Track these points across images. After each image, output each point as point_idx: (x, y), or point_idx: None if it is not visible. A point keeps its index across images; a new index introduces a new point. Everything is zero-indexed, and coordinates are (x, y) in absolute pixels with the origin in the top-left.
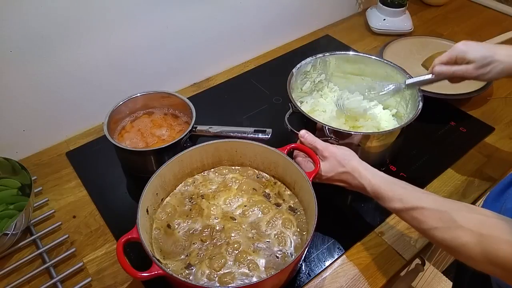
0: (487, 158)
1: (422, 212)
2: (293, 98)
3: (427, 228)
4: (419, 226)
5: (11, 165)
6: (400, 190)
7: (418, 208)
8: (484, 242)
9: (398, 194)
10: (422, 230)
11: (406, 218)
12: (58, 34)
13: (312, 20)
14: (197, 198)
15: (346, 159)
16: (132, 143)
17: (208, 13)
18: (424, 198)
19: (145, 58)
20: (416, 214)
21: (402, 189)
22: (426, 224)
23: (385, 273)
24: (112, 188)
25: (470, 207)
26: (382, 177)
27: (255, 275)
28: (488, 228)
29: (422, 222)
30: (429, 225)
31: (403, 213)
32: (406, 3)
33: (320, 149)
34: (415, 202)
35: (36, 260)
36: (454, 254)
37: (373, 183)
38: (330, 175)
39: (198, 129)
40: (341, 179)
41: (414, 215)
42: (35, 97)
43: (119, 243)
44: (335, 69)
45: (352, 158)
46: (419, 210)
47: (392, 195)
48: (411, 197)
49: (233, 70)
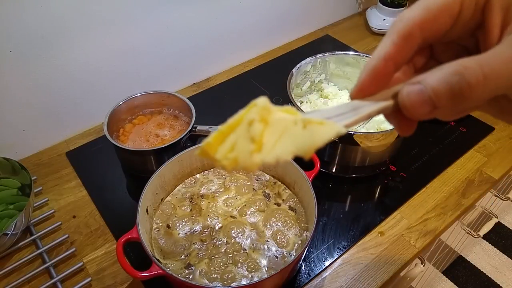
0: (487, 158)
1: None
2: (293, 98)
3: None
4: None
5: (11, 165)
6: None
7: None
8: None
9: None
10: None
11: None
12: (58, 34)
13: (312, 20)
14: (197, 198)
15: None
16: (132, 143)
17: (208, 13)
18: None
19: (145, 58)
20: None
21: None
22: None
23: (385, 273)
24: (112, 188)
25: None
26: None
27: (255, 275)
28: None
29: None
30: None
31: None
32: (406, 3)
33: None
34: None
35: (36, 260)
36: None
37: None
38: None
39: (198, 129)
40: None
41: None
42: (35, 97)
43: (119, 243)
44: (335, 69)
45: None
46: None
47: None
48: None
49: (233, 70)
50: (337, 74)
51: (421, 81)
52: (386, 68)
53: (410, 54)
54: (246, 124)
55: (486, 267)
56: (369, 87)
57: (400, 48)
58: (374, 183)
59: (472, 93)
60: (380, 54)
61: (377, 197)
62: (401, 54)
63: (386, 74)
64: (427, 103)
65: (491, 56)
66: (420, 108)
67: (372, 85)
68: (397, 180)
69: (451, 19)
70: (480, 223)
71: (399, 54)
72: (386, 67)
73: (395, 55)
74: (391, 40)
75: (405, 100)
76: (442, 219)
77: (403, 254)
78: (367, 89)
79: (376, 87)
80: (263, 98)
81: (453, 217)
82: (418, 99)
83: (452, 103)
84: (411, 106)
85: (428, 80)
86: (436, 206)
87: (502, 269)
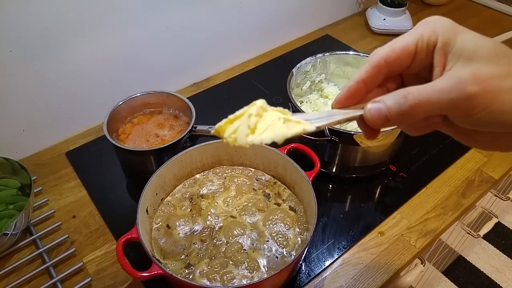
0: (487, 158)
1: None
2: (293, 98)
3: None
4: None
5: (11, 165)
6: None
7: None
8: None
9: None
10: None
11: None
12: (57, 34)
13: (312, 20)
14: (197, 198)
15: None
16: (132, 143)
17: (208, 13)
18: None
19: (145, 58)
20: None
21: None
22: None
23: (385, 273)
24: (112, 188)
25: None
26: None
27: (255, 275)
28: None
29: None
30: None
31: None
32: (406, 3)
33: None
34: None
35: (36, 260)
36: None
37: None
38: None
39: (198, 129)
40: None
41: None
42: (35, 97)
43: (118, 243)
44: (335, 69)
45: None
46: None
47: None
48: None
49: (233, 70)
50: (337, 74)
51: (380, 100)
52: (358, 88)
53: (378, 80)
54: (247, 116)
55: (486, 267)
56: (344, 101)
57: (370, 75)
58: (374, 183)
59: (412, 110)
60: (355, 77)
61: (377, 197)
62: (371, 79)
63: (358, 93)
64: (383, 116)
65: (427, 87)
66: (377, 120)
67: (347, 100)
68: (397, 180)
69: (409, 57)
70: (480, 223)
71: (369, 79)
72: (358, 87)
73: (366, 79)
74: (365, 68)
75: (367, 113)
76: (442, 219)
77: (403, 254)
78: (343, 102)
79: (350, 101)
80: (261, 100)
81: (453, 217)
82: (376, 113)
83: (400, 117)
84: (371, 118)
85: (385, 99)
86: (436, 206)
87: (502, 269)
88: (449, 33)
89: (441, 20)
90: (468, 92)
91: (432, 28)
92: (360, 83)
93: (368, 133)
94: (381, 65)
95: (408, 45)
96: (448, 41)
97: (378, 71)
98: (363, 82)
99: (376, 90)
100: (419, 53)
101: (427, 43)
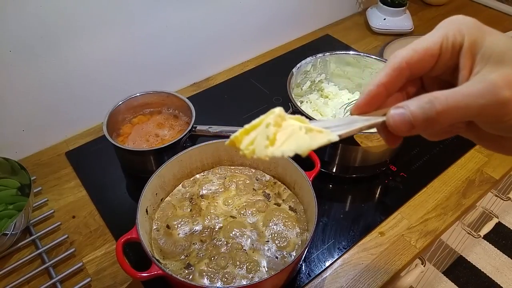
0: (487, 158)
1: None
2: (293, 97)
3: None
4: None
5: (10, 165)
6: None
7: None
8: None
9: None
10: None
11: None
12: (57, 34)
13: (312, 20)
14: (196, 198)
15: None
16: (132, 143)
17: (208, 13)
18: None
19: (145, 58)
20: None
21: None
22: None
23: (385, 274)
24: (112, 188)
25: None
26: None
27: (255, 275)
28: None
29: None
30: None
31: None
32: (406, 3)
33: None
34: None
35: (36, 260)
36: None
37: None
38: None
39: (198, 129)
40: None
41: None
42: (34, 97)
43: (118, 243)
44: (335, 69)
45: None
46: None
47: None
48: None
49: (233, 70)
50: (338, 73)
51: (404, 106)
52: (379, 92)
53: (400, 84)
54: (264, 126)
55: (486, 267)
56: (364, 107)
57: (391, 78)
58: (375, 183)
59: (439, 117)
60: (375, 81)
61: (378, 197)
62: (392, 83)
63: (379, 97)
64: (407, 123)
65: (455, 91)
66: (401, 126)
67: (367, 105)
68: (397, 180)
69: (433, 59)
70: (481, 223)
71: (390, 83)
72: (378, 91)
73: (387, 83)
74: (385, 71)
75: (390, 120)
76: (443, 219)
77: (403, 255)
78: (362, 108)
79: (370, 107)
80: (279, 108)
81: (454, 217)
82: (399, 119)
83: (425, 124)
84: (394, 124)
85: (409, 105)
86: (436, 206)
87: (503, 269)
88: (476, 34)
89: (467, 19)
90: (502, 97)
91: (457, 28)
92: (380, 86)
93: (389, 140)
94: (402, 68)
95: (432, 46)
96: (475, 42)
97: (400, 74)
98: (383, 86)
99: (395, 94)
100: (443, 54)
101: (452, 43)
